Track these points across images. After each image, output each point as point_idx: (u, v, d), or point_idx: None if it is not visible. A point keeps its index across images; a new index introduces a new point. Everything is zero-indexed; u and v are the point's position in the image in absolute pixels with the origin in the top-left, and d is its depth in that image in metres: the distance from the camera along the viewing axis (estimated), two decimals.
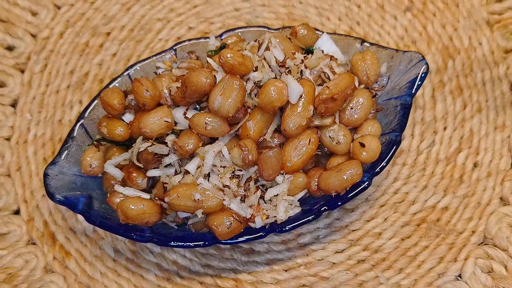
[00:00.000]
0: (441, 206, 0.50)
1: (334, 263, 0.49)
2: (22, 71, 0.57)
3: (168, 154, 0.45)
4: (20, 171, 0.53)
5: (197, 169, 0.44)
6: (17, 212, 0.52)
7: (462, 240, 0.49)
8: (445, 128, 0.53)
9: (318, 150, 0.47)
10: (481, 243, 0.49)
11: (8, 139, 0.54)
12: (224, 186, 0.44)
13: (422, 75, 0.48)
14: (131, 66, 0.50)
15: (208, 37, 0.51)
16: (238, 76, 0.44)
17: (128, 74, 0.51)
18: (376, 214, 0.50)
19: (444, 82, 0.55)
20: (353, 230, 0.50)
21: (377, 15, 0.58)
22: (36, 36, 0.59)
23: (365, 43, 0.50)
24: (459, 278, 0.48)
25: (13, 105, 0.56)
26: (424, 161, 0.52)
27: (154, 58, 0.51)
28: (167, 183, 0.44)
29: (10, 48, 0.59)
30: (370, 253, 0.49)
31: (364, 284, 0.48)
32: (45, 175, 0.46)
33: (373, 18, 0.58)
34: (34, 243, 0.51)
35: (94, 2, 0.60)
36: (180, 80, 0.46)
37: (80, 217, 0.51)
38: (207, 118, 0.44)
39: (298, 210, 0.46)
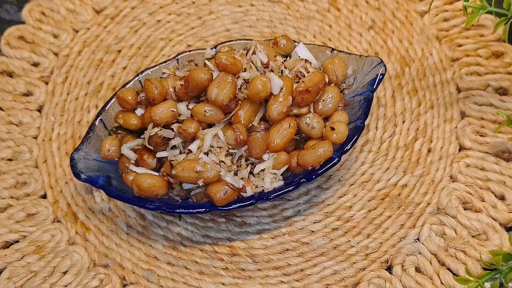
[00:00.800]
0: (401, 184, 0.59)
1: (312, 231, 0.57)
2: (47, 83, 0.67)
3: (174, 137, 0.54)
4: (46, 163, 0.62)
5: (198, 149, 0.53)
6: (44, 196, 0.60)
7: (419, 210, 0.57)
8: (403, 122, 0.63)
9: (297, 135, 0.56)
10: (435, 212, 0.58)
11: (35, 137, 0.64)
12: (220, 161, 0.53)
13: (381, 75, 0.58)
14: (141, 72, 0.60)
15: (205, 49, 0.62)
16: (231, 74, 0.54)
17: (138, 79, 0.61)
18: (347, 191, 0.59)
19: (402, 85, 0.65)
20: (328, 205, 0.59)
21: (345, 33, 0.69)
22: (58, 54, 0.69)
23: (334, 51, 0.61)
24: (417, 240, 0.56)
25: (39, 110, 0.65)
26: (386, 148, 0.61)
27: (161, 65, 0.61)
28: (173, 160, 0.54)
29: (35, 64, 0.68)
30: (343, 222, 0.58)
31: (338, 247, 0.56)
32: (72, 158, 0.55)
33: (342, 35, 0.69)
34: (59, 221, 0.59)
35: (107, 26, 0.71)
36: (183, 79, 0.57)
37: (97, 198, 0.60)
38: (205, 107, 0.53)
39: (281, 183, 0.55)
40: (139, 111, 0.57)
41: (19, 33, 0.70)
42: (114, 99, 0.59)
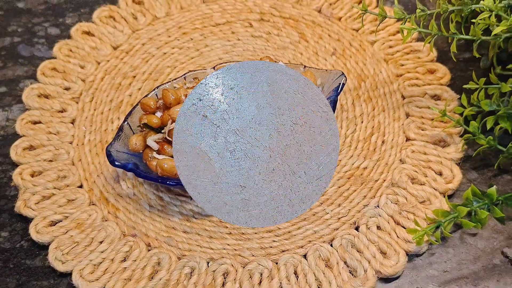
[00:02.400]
0: (363, 167, 0.73)
1: None
2: (77, 102, 0.82)
3: None
4: (80, 161, 0.76)
5: None
6: (80, 186, 0.74)
7: (377, 185, 0.70)
8: (362, 122, 0.78)
9: None
10: (390, 186, 0.73)
11: (71, 142, 0.77)
12: None
13: (342, 84, 0.75)
14: (157, 87, 0.77)
15: (206, 69, 0.79)
16: None
17: (155, 93, 0.77)
18: None
19: (360, 95, 0.83)
20: None
21: (313, 58, 0.87)
22: (84, 80, 0.84)
23: (306, 67, 0.79)
24: (377, 207, 0.68)
25: (72, 122, 0.80)
26: (349, 141, 0.77)
27: (172, 81, 0.77)
28: None
29: (67, 88, 0.83)
30: None
31: (316, 214, 0.70)
32: (107, 150, 0.69)
33: (311, 60, 0.87)
34: (94, 204, 0.73)
35: (123, 58, 0.87)
36: (192, 88, 0.73)
37: (124, 186, 0.74)
38: None
39: None
40: (158, 114, 0.73)
41: (51, 65, 0.86)
42: (137, 107, 0.75)
